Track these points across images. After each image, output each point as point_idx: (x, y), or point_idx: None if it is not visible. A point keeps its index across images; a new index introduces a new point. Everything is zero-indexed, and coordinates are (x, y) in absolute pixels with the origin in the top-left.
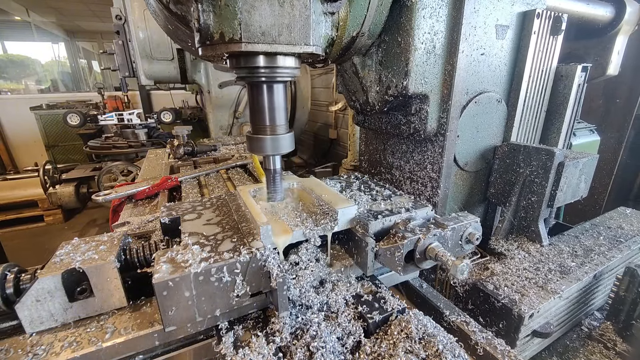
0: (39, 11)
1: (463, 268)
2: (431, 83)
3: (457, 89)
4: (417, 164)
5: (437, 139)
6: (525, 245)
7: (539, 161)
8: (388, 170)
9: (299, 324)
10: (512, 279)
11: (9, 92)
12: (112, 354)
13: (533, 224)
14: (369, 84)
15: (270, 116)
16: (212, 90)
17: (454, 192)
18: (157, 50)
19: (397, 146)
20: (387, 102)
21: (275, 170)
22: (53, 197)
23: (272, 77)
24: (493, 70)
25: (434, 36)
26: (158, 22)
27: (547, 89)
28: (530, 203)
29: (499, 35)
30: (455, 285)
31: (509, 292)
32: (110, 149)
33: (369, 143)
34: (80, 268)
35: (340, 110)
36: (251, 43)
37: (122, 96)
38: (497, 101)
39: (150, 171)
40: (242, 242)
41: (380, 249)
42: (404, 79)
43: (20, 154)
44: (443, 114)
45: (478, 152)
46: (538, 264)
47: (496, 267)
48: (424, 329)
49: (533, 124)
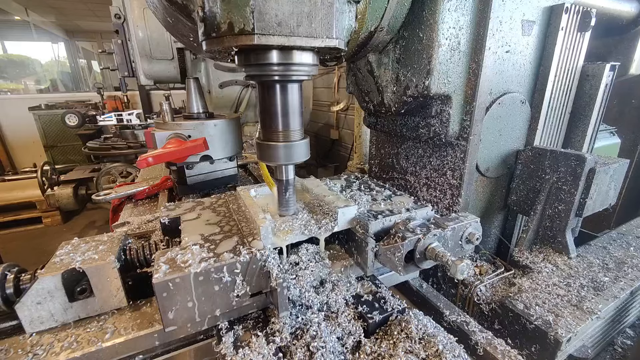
0: (39, 10)
1: (463, 268)
2: (454, 83)
3: (482, 90)
4: (435, 170)
5: (459, 143)
6: (552, 258)
7: (567, 167)
8: (402, 176)
9: (299, 324)
10: (543, 296)
11: (8, 92)
12: (112, 354)
13: (560, 234)
14: (385, 83)
15: (283, 121)
16: (212, 90)
17: (474, 199)
18: (156, 49)
19: (412, 150)
20: (405, 103)
21: (288, 181)
22: (51, 198)
23: (287, 75)
24: (518, 69)
25: (459, 31)
26: (157, 16)
27: (572, 89)
28: (556, 212)
29: (524, 32)
30: (480, 303)
31: (542, 312)
32: (109, 150)
33: (380, 146)
34: (80, 268)
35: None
36: (265, 35)
37: (122, 96)
38: (521, 102)
39: (150, 171)
40: (242, 242)
41: (380, 249)
42: (425, 78)
43: (19, 155)
44: (466, 116)
45: (500, 157)
46: (568, 279)
47: (524, 282)
48: (424, 329)
49: (557, 127)
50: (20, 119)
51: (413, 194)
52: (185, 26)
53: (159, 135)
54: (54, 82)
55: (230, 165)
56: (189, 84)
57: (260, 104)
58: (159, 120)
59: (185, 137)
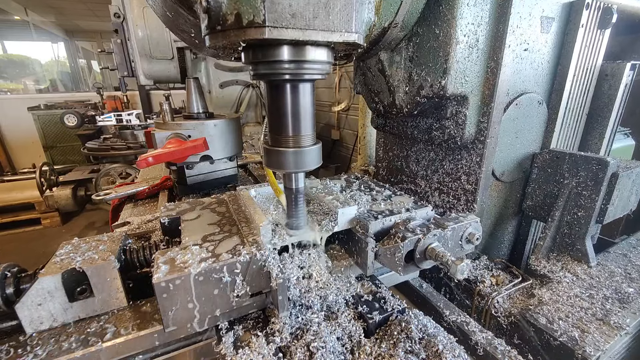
0: (38, 10)
1: (463, 268)
2: (472, 82)
3: (501, 90)
4: (447, 174)
5: (475, 146)
6: (571, 266)
7: (588, 171)
8: (411, 180)
9: (299, 324)
10: (565, 309)
11: (8, 92)
12: (112, 354)
13: (579, 241)
14: (397, 83)
15: (294, 124)
16: (213, 90)
17: (488, 205)
18: (156, 49)
19: (423, 153)
20: (418, 104)
21: (298, 189)
22: (50, 200)
23: (300, 74)
24: (535, 68)
25: (478, 28)
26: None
27: (591, 89)
28: (576, 218)
29: (543, 29)
30: (498, 315)
31: (566, 326)
32: (109, 151)
33: (388, 149)
34: (81, 268)
35: (343, 111)
36: (277, 28)
37: (122, 96)
38: (538, 103)
39: (150, 171)
40: (242, 242)
41: (380, 249)
42: (441, 78)
43: (18, 155)
44: (483, 118)
45: (516, 161)
46: (590, 290)
47: (543, 293)
48: (424, 329)
49: (574, 129)
50: (19, 119)
51: (424, 198)
52: (187, 21)
53: (159, 135)
54: (54, 82)
55: (230, 165)
56: (189, 84)
57: (268, 105)
58: (159, 120)
59: (185, 137)
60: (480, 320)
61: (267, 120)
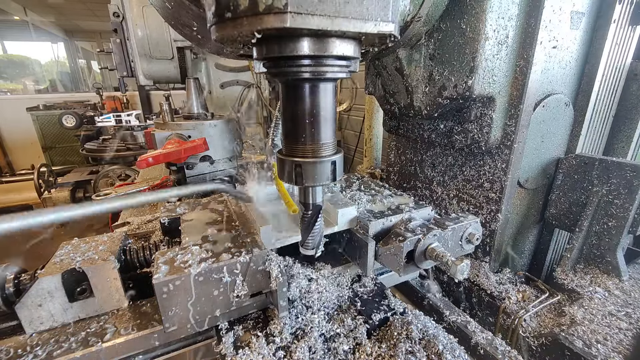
0: (37, 10)
1: (463, 268)
2: (500, 82)
3: (531, 90)
4: (468, 181)
5: (501, 151)
6: (601, 280)
7: (620, 178)
8: (426, 186)
9: (299, 324)
10: (602, 330)
11: (8, 92)
12: (112, 354)
13: (609, 253)
14: (416, 83)
15: (313, 131)
16: (213, 90)
17: (511, 213)
18: (156, 48)
19: (440, 158)
20: (439, 105)
21: (316, 205)
22: (48, 202)
23: (322, 72)
24: (563, 67)
25: (508, 22)
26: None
27: (619, 90)
28: (606, 228)
29: (573, 24)
30: (527, 336)
31: (606, 351)
32: (108, 152)
33: (400, 153)
34: (80, 268)
35: (345, 111)
36: (302, 15)
37: (121, 97)
38: (565, 105)
39: (150, 171)
40: (242, 242)
41: (381, 249)
42: (467, 77)
43: (17, 156)
44: (510, 121)
45: (540, 166)
46: (626, 308)
47: (576, 312)
48: (424, 330)
49: (600, 132)
50: (18, 119)
51: (440, 206)
52: (189, 12)
53: (159, 135)
54: (53, 83)
55: (230, 166)
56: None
57: (283, 108)
58: (159, 120)
59: (185, 137)
60: (505, 339)
61: (282, 124)
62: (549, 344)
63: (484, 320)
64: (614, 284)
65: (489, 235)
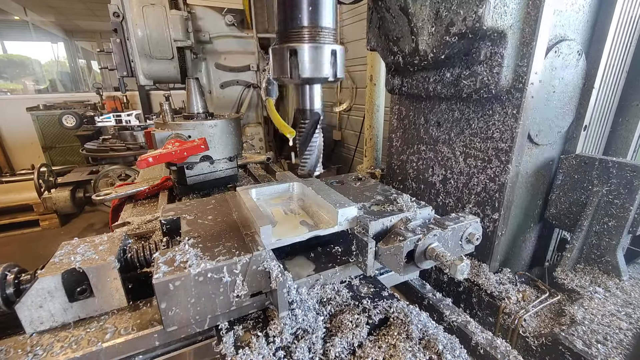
0: (37, 10)
1: (463, 268)
2: (512, 15)
3: (544, 25)
4: (475, 135)
5: (512, 96)
6: (601, 280)
7: (621, 178)
8: (431, 147)
9: (299, 324)
10: (602, 330)
11: (8, 92)
12: (112, 354)
13: (609, 253)
14: (421, 24)
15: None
16: (213, 90)
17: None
18: (156, 48)
19: (445, 115)
20: (446, 45)
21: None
22: (48, 202)
23: None
24: (577, 11)
25: None
26: None
27: (633, 43)
28: (606, 229)
29: None
30: (526, 335)
31: (607, 351)
32: (108, 152)
33: (403, 117)
34: (80, 268)
35: (345, 111)
36: None
37: (121, 96)
38: (577, 53)
39: (150, 171)
40: (242, 242)
41: (381, 249)
42: (477, 6)
43: (17, 156)
44: (522, 61)
45: (551, 119)
46: (627, 307)
47: (576, 311)
48: (424, 330)
49: (612, 91)
50: (18, 119)
51: (446, 166)
52: None
53: (159, 135)
54: (53, 82)
55: (230, 166)
56: (189, 84)
57: None
58: (159, 120)
59: (185, 137)
60: (505, 338)
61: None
62: (549, 344)
63: (484, 320)
64: (614, 283)
65: (498, 190)
